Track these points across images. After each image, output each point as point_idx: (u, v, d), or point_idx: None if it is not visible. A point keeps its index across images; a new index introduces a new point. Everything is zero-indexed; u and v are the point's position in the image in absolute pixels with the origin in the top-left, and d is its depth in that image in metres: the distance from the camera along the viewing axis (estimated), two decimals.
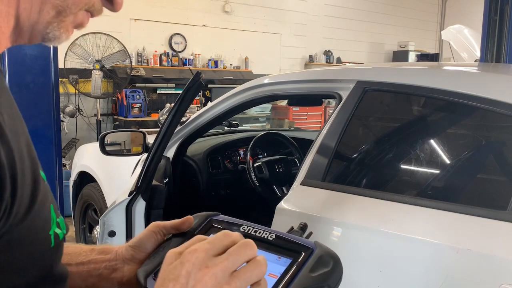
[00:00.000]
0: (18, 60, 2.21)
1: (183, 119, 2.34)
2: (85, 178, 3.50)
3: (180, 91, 2.06)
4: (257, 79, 2.16)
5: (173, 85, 7.02)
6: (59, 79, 2.46)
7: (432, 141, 1.64)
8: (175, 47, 7.42)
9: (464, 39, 4.88)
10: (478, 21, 4.06)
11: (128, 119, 6.44)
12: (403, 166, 1.67)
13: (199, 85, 1.93)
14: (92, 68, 5.93)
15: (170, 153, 2.45)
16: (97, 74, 5.91)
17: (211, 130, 2.69)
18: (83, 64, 5.89)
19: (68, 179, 3.77)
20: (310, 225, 1.43)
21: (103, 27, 5.97)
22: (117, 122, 6.63)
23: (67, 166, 5.45)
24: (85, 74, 6.00)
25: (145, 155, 2.27)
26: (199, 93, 6.40)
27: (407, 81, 1.62)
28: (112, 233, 2.14)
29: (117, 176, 3.09)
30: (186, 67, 7.34)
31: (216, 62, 7.77)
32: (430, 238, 1.23)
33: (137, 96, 6.54)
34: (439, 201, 1.35)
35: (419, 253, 1.24)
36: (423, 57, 9.60)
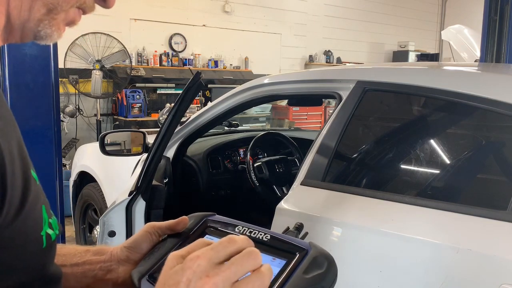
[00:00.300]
0: (18, 60, 2.20)
1: (183, 119, 2.34)
2: (85, 178, 3.51)
3: (180, 91, 2.06)
4: (257, 79, 2.16)
5: (173, 85, 7.02)
6: (59, 79, 2.46)
7: (432, 141, 1.63)
8: (175, 47, 7.42)
9: (464, 39, 4.88)
10: (478, 21, 4.06)
11: (128, 119, 6.44)
12: (403, 166, 1.67)
13: (199, 85, 1.93)
14: (92, 68, 5.93)
15: (170, 153, 2.45)
16: (97, 74, 5.91)
17: (211, 130, 2.69)
18: (83, 64, 5.89)
19: (68, 179, 3.77)
20: (310, 225, 1.43)
21: (103, 27, 5.98)
22: (117, 122, 6.63)
23: (67, 166, 5.45)
24: (85, 74, 6.00)
25: (145, 155, 2.27)
26: (199, 93, 6.40)
27: (407, 81, 1.62)
28: (112, 233, 2.14)
29: (117, 176, 3.09)
30: (186, 67, 7.34)
31: (216, 62, 7.77)
32: (430, 238, 1.23)
33: (137, 96, 6.54)
34: (439, 201, 1.34)
35: (419, 253, 1.24)
36: (423, 57, 9.60)
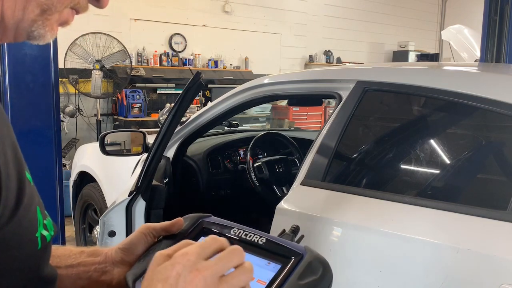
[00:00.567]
0: (18, 60, 2.20)
1: (183, 119, 2.34)
2: (85, 178, 3.51)
3: (180, 91, 2.06)
4: (257, 79, 2.16)
5: (173, 85, 7.02)
6: (59, 79, 2.46)
7: (432, 141, 1.64)
8: (175, 47, 7.41)
9: (464, 39, 4.88)
10: (478, 21, 4.05)
11: (128, 119, 6.43)
12: (403, 166, 1.67)
13: (199, 85, 1.93)
14: (92, 68, 5.93)
15: (170, 153, 2.45)
16: (97, 74, 5.91)
17: (211, 130, 2.69)
18: (83, 64, 5.89)
19: (68, 179, 3.77)
20: (310, 225, 1.43)
21: (103, 27, 5.98)
22: (117, 122, 6.62)
23: (67, 166, 5.45)
24: (85, 74, 6.00)
25: (145, 155, 2.27)
26: (199, 93, 6.40)
27: (407, 81, 1.62)
28: (112, 233, 2.14)
29: (117, 176, 3.09)
30: (186, 67, 7.34)
31: (216, 62, 7.77)
32: (430, 238, 1.23)
33: (137, 96, 6.53)
34: (439, 201, 1.35)
35: (419, 253, 1.24)
36: (423, 57, 9.59)
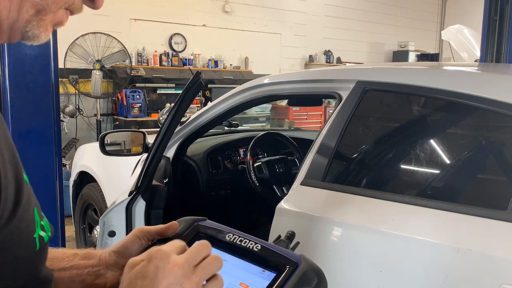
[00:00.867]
0: (18, 60, 2.20)
1: (183, 119, 2.34)
2: (85, 178, 3.50)
3: (180, 91, 2.06)
4: (257, 79, 2.16)
5: (173, 85, 7.01)
6: (59, 79, 2.46)
7: (432, 141, 1.63)
8: (175, 47, 7.41)
9: (464, 39, 4.88)
10: (478, 21, 4.05)
11: (128, 119, 6.43)
12: (403, 166, 1.67)
13: (199, 85, 1.93)
14: (92, 68, 5.93)
15: (170, 153, 2.45)
16: (97, 74, 5.91)
17: (211, 130, 2.69)
18: (83, 64, 5.88)
19: (68, 179, 3.77)
20: (310, 225, 1.43)
21: (103, 27, 5.98)
22: (117, 122, 6.62)
23: (67, 166, 5.44)
24: (85, 74, 5.99)
25: (145, 155, 2.27)
26: (199, 93, 6.40)
27: (407, 81, 1.62)
28: (112, 233, 2.14)
29: (117, 176, 3.09)
30: (186, 67, 7.34)
31: (216, 62, 7.77)
32: (430, 238, 1.23)
33: (137, 96, 6.53)
34: (439, 201, 1.34)
35: (419, 253, 1.24)
36: (423, 57, 9.58)
